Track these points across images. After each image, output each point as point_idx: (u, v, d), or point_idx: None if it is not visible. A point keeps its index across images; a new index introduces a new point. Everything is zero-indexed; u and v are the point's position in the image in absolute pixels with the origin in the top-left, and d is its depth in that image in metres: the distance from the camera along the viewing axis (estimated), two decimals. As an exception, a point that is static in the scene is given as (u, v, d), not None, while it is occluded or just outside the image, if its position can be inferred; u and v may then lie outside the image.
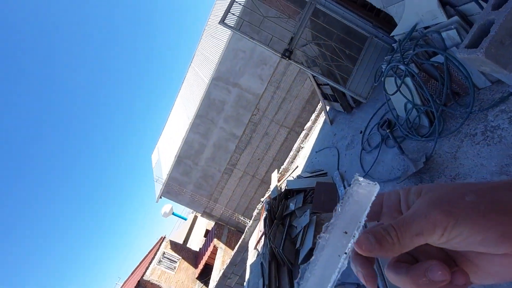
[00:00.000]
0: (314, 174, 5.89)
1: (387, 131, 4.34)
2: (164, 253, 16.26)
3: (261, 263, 5.46)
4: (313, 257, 0.36)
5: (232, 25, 5.53)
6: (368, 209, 0.35)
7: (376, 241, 0.33)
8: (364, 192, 0.36)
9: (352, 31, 5.45)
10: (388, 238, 0.33)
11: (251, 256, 7.30)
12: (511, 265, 0.31)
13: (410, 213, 0.33)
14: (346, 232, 0.34)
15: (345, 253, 0.33)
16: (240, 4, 5.49)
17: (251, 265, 6.56)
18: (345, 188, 4.81)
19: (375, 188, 0.36)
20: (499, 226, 0.29)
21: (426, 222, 0.31)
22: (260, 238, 6.98)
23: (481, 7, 2.74)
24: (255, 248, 7.17)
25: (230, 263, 8.99)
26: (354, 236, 0.34)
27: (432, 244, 0.33)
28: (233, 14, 5.48)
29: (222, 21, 5.30)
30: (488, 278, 0.33)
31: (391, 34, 4.16)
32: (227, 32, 11.78)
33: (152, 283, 14.31)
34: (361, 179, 0.36)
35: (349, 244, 0.34)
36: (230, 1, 5.30)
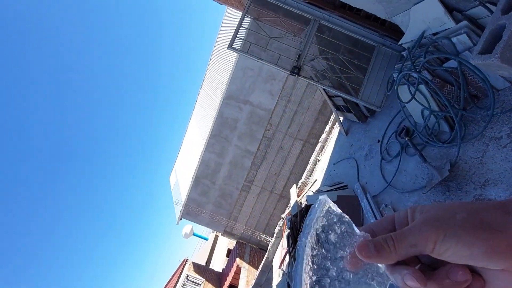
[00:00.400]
0: (334, 187, 5.79)
1: (406, 139, 4.25)
2: (187, 276, 16.15)
3: (288, 283, 5.31)
4: (295, 261, 0.43)
5: (240, 48, 5.70)
6: (318, 212, 0.45)
7: (375, 249, 0.38)
8: (319, 203, 0.46)
9: (359, 42, 5.49)
10: (385, 246, 0.37)
11: (276, 276, 7.12)
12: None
13: (408, 228, 0.38)
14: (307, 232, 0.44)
15: (308, 242, 0.43)
16: (245, 27, 5.69)
17: (277, 286, 6.39)
18: (367, 200, 4.68)
19: (326, 199, 0.46)
20: (483, 243, 0.32)
21: (419, 236, 0.35)
22: (284, 257, 6.83)
23: (490, 10, 2.71)
24: (280, 267, 7.01)
25: (255, 283, 8.80)
26: (309, 233, 0.44)
27: (430, 255, 0.36)
28: (240, 38, 5.67)
29: (230, 46, 5.48)
30: None
31: (399, 43, 4.16)
32: (235, 53, 12.14)
33: (178, 308, 14.15)
34: (321, 197, 0.46)
35: (308, 238, 0.43)
36: (236, 27, 5.49)
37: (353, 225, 0.44)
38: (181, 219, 15.78)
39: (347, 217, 0.45)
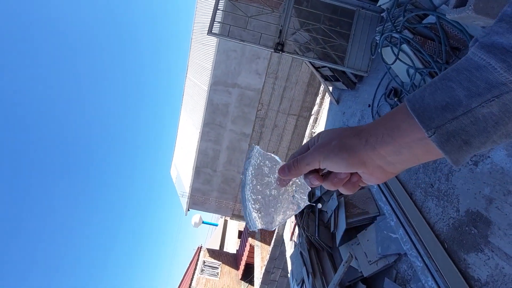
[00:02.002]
0: (332, 156, 5.94)
1: (395, 99, 4.35)
2: (204, 262, 16.75)
3: (301, 253, 5.60)
4: (241, 190, 0.63)
5: (219, 32, 5.61)
6: (251, 158, 0.63)
7: (287, 169, 0.56)
8: (252, 149, 0.64)
9: (338, 8, 5.43)
10: (292, 166, 0.56)
11: (289, 248, 7.47)
12: (370, 176, 0.51)
13: (307, 152, 0.55)
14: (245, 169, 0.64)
15: (243, 174, 0.63)
16: (221, 10, 5.56)
17: (291, 257, 6.72)
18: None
19: (256, 147, 0.64)
20: (344, 161, 0.49)
21: (310, 158, 0.53)
22: (294, 229, 7.12)
23: (462, -41, 2.71)
24: (291, 239, 7.33)
25: (270, 258, 9.21)
26: (246, 170, 0.63)
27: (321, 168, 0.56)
28: (217, 21, 5.56)
29: (210, 31, 5.39)
30: (368, 181, 0.53)
31: (378, 4, 4.14)
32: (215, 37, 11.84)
33: (200, 292, 14.79)
34: (255, 147, 0.64)
35: (247, 174, 0.63)
36: (213, 10, 5.37)
37: (277, 158, 0.63)
38: (188, 210, 16.09)
39: (272, 154, 0.63)
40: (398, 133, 0.44)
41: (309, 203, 0.64)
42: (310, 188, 0.60)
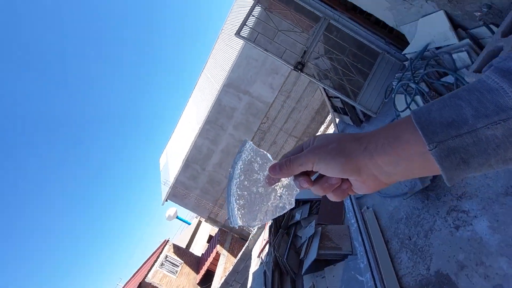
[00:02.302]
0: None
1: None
2: (166, 257, 16.33)
3: (264, 272, 5.48)
4: (228, 184, 0.60)
5: (247, 37, 5.71)
6: (243, 152, 0.60)
7: (279, 168, 0.54)
8: (244, 144, 0.61)
9: (364, 46, 5.56)
10: (284, 166, 0.54)
11: (254, 265, 7.31)
12: (362, 185, 0.50)
13: (301, 153, 0.53)
14: (235, 163, 0.61)
15: (232, 168, 0.61)
16: (254, 16, 5.68)
17: (253, 273, 6.57)
18: (351, 201, 4.83)
19: (249, 141, 0.62)
20: (339, 165, 0.48)
21: (304, 159, 0.51)
22: (264, 247, 7.00)
23: (492, 31, 2.81)
24: (259, 256, 7.19)
25: (233, 270, 9.00)
26: (236, 164, 0.60)
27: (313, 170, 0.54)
28: (248, 26, 5.67)
29: (238, 33, 5.48)
30: (358, 189, 0.52)
31: (403, 52, 4.25)
32: (241, 40, 12.02)
33: (153, 286, 14.35)
34: (248, 142, 0.62)
35: (236, 168, 0.60)
36: (246, 14, 5.49)
37: (268, 155, 0.61)
38: (166, 200, 15.83)
39: (264, 151, 0.61)
40: (399, 144, 0.43)
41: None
42: (299, 190, 0.59)
